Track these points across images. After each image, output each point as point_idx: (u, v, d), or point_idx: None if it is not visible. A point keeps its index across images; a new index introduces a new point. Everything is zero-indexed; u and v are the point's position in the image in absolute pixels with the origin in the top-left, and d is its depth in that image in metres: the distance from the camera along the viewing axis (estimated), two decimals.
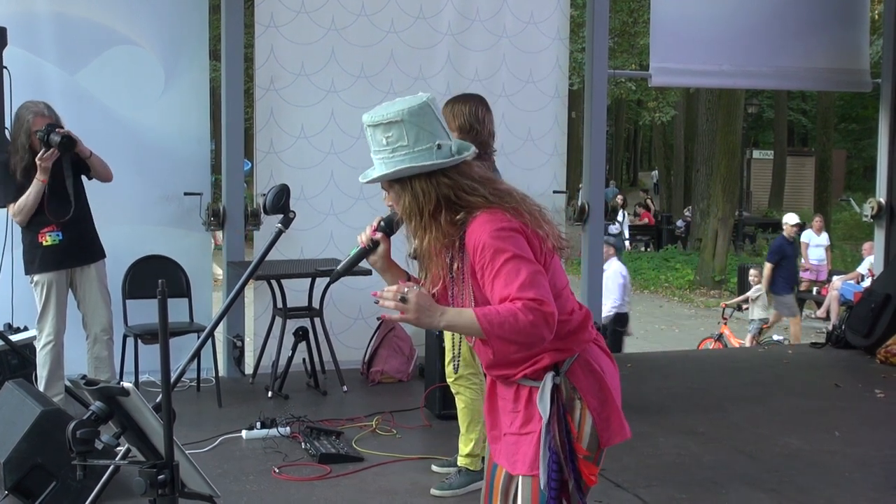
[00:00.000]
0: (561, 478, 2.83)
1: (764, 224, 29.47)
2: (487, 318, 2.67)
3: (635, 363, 9.20)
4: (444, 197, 2.82)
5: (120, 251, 7.11)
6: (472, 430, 5.29)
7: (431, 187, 2.82)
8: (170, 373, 2.61)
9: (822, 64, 9.86)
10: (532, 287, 2.68)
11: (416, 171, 2.81)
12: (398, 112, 2.81)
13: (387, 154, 2.82)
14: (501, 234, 2.74)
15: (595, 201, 9.06)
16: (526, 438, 2.90)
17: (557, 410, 2.84)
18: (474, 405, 5.23)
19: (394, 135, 2.81)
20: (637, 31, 24.05)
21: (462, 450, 5.33)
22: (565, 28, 9.02)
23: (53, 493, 4.82)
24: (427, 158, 2.81)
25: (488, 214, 2.78)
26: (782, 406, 7.36)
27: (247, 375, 7.91)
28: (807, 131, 44.74)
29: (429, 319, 2.74)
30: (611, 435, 2.92)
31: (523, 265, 2.71)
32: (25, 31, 7.18)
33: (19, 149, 6.03)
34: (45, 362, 6.23)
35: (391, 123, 2.81)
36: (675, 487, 5.48)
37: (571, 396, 2.87)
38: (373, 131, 2.84)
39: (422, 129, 2.82)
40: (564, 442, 2.83)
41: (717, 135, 21.41)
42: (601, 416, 2.89)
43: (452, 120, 5.13)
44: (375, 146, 2.85)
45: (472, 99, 5.32)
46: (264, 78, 8.04)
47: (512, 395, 2.96)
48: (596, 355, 2.95)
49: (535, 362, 2.87)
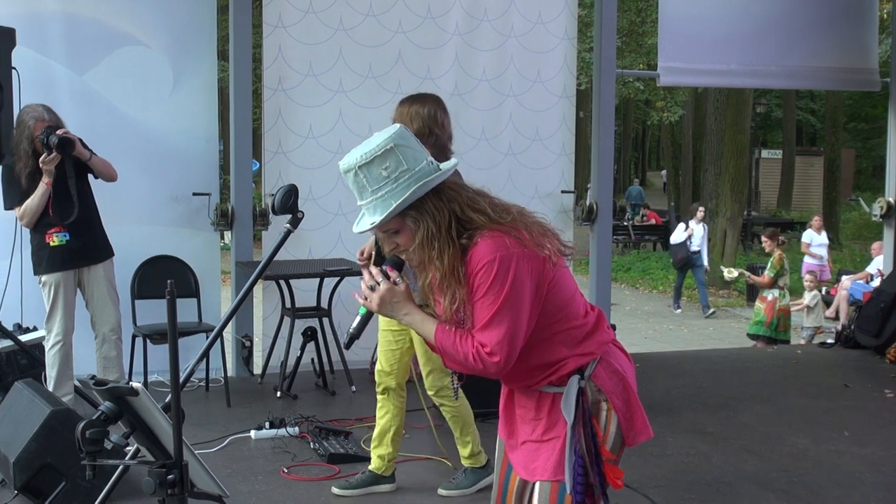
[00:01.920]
0: (586, 481, 2.83)
1: (773, 223, 29.35)
2: (442, 344, 2.83)
3: (644, 363, 9.18)
4: (452, 212, 2.79)
5: (129, 251, 7.12)
6: (465, 434, 5.23)
7: (442, 203, 2.79)
8: (179, 373, 2.61)
9: (831, 63, 9.84)
10: (494, 333, 2.74)
11: (430, 185, 2.77)
12: (386, 140, 2.76)
13: (390, 186, 2.75)
14: (501, 267, 2.72)
15: (603, 201, 9.05)
16: (548, 445, 2.90)
17: (583, 414, 2.84)
18: (460, 411, 5.19)
19: (391, 164, 2.75)
20: (645, 31, 24.04)
21: (462, 452, 5.28)
22: (573, 28, 9.01)
23: (63, 493, 4.83)
24: (429, 174, 2.78)
25: (490, 240, 2.75)
26: (791, 406, 7.35)
27: (255, 375, 7.93)
28: (815, 130, 44.64)
29: (390, 313, 2.89)
30: (635, 434, 2.92)
31: (502, 309, 2.73)
32: (34, 31, 7.20)
33: (22, 155, 6.05)
34: (54, 362, 6.25)
35: (385, 154, 2.75)
36: (684, 487, 5.47)
37: (597, 399, 2.87)
38: (367, 170, 2.76)
39: (412, 148, 2.80)
40: (590, 445, 2.83)
41: (726, 134, 21.36)
42: (626, 416, 2.90)
43: (409, 123, 4.82)
44: (374, 184, 2.76)
45: (428, 100, 5.02)
46: (272, 78, 8.05)
47: (533, 404, 2.95)
48: (616, 356, 2.96)
49: (558, 369, 2.87)
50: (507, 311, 2.73)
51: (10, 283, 6.54)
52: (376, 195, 2.77)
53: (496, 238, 2.75)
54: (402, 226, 2.82)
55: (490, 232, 2.76)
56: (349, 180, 2.81)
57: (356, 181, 2.79)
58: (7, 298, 6.60)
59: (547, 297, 2.81)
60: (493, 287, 2.72)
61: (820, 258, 17.16)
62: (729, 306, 18.72)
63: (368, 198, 2.79)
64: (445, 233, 2.77)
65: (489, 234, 2.76)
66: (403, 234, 2.83)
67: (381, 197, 2.77)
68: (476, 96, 8.61)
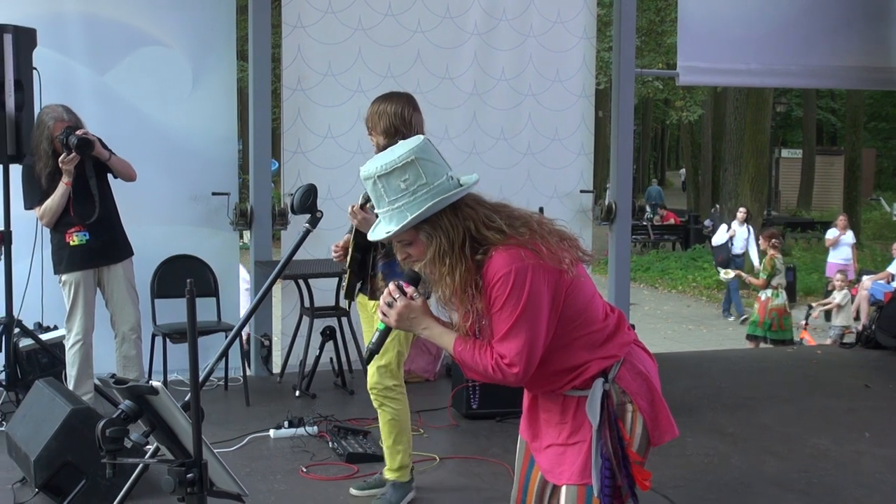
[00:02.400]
0: (614, 484, 2.82)
1: (792, 223, 29.28)
2: (461, 356, 2.86)
3: (663, 363, 9.11)
4: (467, 230, 2.79)
5: (148, 251, 7.15)
6: (399, 442, 4.99)
7: (458, 220, 2.79)
8: (198, 372, 2.62)
9: (851, 62, 9.78)
10: (512, 344, 2.76)
11: (447, 202, 2.77)
12: (408, 152, 2.77)
13: (408, 198, 2.76)
14: (517, 279, 2.73)
15: (622, 201, 9.02)
16: (574, 448, 2.90)
17: (608, 417, 2.84)
18: (400, 416, 4.98)
19: (410, 176, 2.76)
20: (664, 30, 23.98)
21: (390, 464, 5.05)
22: (592, 27, 8.99)
23: (83, 491, 4.85)
24: (448, 190, 2.78)
25: (506, 253, 2.76)
26: (812, 406, 7.31)
27: (274, 374, 7.94)
28: (836, 130, 44.45)
29: (408, 328, 2.94)
30: (661, 433, 2.93)
31: (520, 320, 2.75)
32: (55, 32, 7.23)
33: (42, 155, 6.08)
34: (75, 361, 6.28)
35: (405, 166, 2.76)
36: (704, 488, 5.46)
37: (622, 401, 2.87)
38: (386, 181, 2.77)
39: (433, 163, 2.80)
40: (617, 448, 2.83)
41: (745, 134, 21.28)
42: (651, 416, 2.91)
43: (378, 122, 4.81)
44: (392, 195, 2.77)
45: (397, 98, 4.93)
46: (291, 78, 8.06)
47: (559, 408, 2.95)
48: (640, 357, 2.96)
49: (581, 373, 2.87)
50: (524, 322, 2.74)
51: (30, 283, 6.57)
52: (393, 206, 2.78)
53: (511, 251, 2.76)
54: (415, 238, 2.83)
55: (506, 245, 2.77)
56: (368, 187, 2.82)
57: (375, 190, 2.81)
58: (28, 297, 6.62)
59: (565, 303, 2.81)
60: (511, 299, 2.73)
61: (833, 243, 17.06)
62: (749, 306, 18.64)
63: (385, 207, 2.80)
64: (459, 250, 2.78)
65: (504, 248, 2.76)
66: (416, 247, 2.85)
67: (397, 208, 2.78)
68: (495, 96, 8.60)
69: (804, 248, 25.74)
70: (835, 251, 17.35)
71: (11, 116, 6.25)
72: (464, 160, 8.22)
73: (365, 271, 4.98)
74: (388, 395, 4.94)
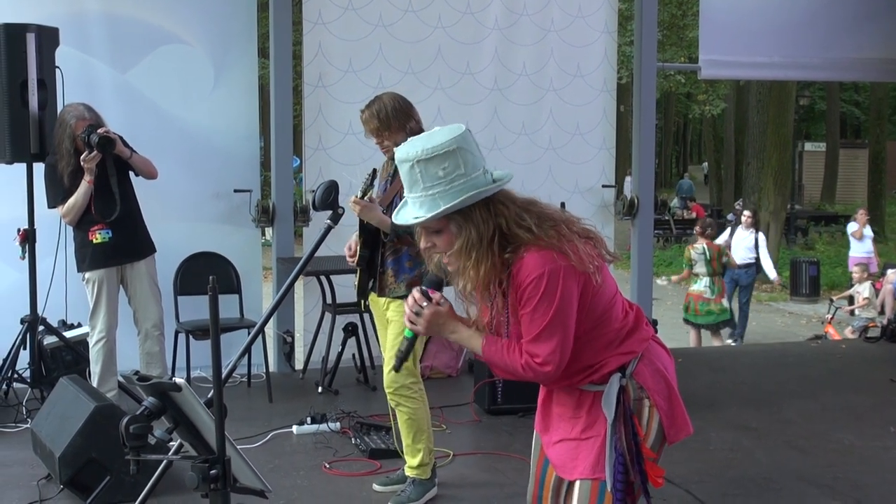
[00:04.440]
0: (627, 479, 2.81)
1: (816, 217, 29.10)
2: (490, 356, 2.88)
3: (686, 358, 9.13)
4: (498, 226, 2.78)
5: (171, 248, 7.18)
6: (418, 441, 4.99)
7: (489, 215, 2.77)
8: (221, 368, 2.63)
9: (875, 54, 9.71)
10: (546, 345, 2.77)
11: (482, 196, 2.76)
12: (450, 141, 2.74)
13: (443, 187, 2.73)
14: (551, 281, 2.73)
15: (644, 195, 9.00)
16: (587, 443, 2.89)
17: (624, 412, 2.83)
18: (417, 414, 4.97)
19: (450, 165, 2.73)
20: (686, 24, 23.87)
21: (410, 462, 5.05)
22: (613, 21, 8.97)
23: (108, 488, 4.88)
24: (483, 184, 2.76)
25: (538, 255, 2.74)
26: (836, 401, 7.27)
27: (297, 371, 7.96)
28: (860, 123, 44.18)
29: (437, 333, 2.94)
30: (676, 431, 2.91)
31: (554, 321, 2.75)
32: (77, 30, 7.27)
33: (65, 154, 6.10)
34: (98, 358, 6.31)
35: (447, 154, 2.73)
36: (728, 483, 5.43)
37: (639, 397, 2.86)
38: (424, 166, 2.74)
39: (472, 154, 2.78)
40: (631, 444, 2.82)
41: (768, 127, 21.13)
42: (668, 413, 2.89)
43: (406, 120, 4.88)
44: (428, 181, 2.74)
45: (381, 97, 5.02)
46: (312, 75, 8.07)
47: (574, 402, 2.94)
48: (657, 353, 2.95)
49: (599, 368, 2.86)
50: (558, 323, 2.74)
51: (54, 280, 6.60)
52: (427, 192, 2.75)
53: (544, 252, 2.75)
54: (445, 228, 2.80)
55: (537, 245, 2.75)
56: (403, 170, 2.79)
57: (410, 173, 2.77)
58: (52, 295, 6.66)
59: (590, 305, 2.81)
60: (544, 301, 2.73)
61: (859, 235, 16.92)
62: (772, 300, 18.55)
63: (419, 192, 2.77)
64: (487, 245, 2.76)
65: (536, 249, 2.75)
66: (444, 237, 2.82)
67: (431, 195, 2.75)
68: (516, 91, 8.58)
69: (828, 242, 25.57)
70: (858, 245, 17.23)
71: (35, 115, 6.29)
72: (485, 156, 8.13)
73: (374, 268, 4.99)
74: (405, 395, 4.93)
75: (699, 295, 11.65)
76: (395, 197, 4.93)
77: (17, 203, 6.65)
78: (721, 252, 11.74)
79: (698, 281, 11.70)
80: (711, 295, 11.56)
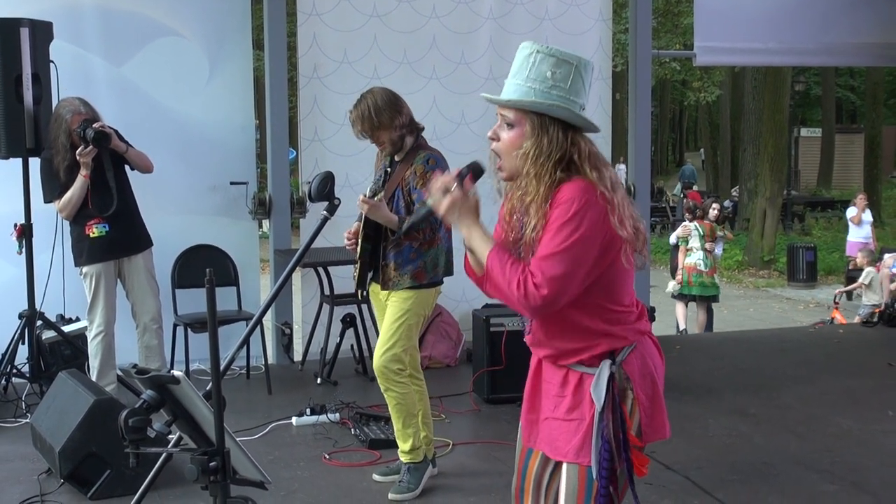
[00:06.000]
0: (612, 467, 2.81)
1: (813, 203, 29.13)
2: (492, 264, 2.77)
3: (684, 344, 9.15)
4: (567, 152, 2.76)
5: (168, 241, 7.18)
6: (408, 425, 5.02)
7: (565, 140, 2.76)
8: (219, 361, 2.63)
9: (870, 39, 9.71)
10: (551, 268, 2.68)
11: (567, 116, 2.76)
12: (575, 57, 2.78)
13: (544, 87, 2.75)
14: (584, 208, 2.69)
15: (641, 183, 9.00)
16: (571, 425, 2.87)
17: (612, 399, 2.81)
18: (405, 399, 4.99)
19: (560, 73, 2.76)
20: (681, 11, 23.86)
21: (403, 447, 5.08)
22: (608, 9, 8.96)
23: (108, 481, 4.89)
24: (575, 111, 2.77)
25: (585, 183, 2.73)
26: (833, 386, 7.29)
27: (296, 362, 7.97)
28: (855, 108, 44.17)
29: (454, 220, 2.84)
30: (653, 431, 2.88)
31: (569, 250, 2.68)
32: (71, 24, 7.26)
33: (60, 149, 6.10)
34: (97, 352, 6.32)
35: (565, 62, 2.77)
36: (726, 469, 5.45)
37: (625, 387, 2.85)
38: (541, 59, 2.77)
39: (582, 84, 2.80)
40: (618, 431, 2.80)
41: (764, 113, 21.16)
42: (647, 411, 2.86)
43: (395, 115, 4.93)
44: (534, 74, 2.76)
45: (371, 92, 5.07)
46: (307, 66, 8.06)
47: (560, 380, 2.92)
48: (650, 351, 2.92)
49: (591, 346, 2.83)
50: (573, 253, 2.68)
51: (52, 275, 6.60)
52: (526, 82, 2.77)
53: (589, 184, 2.73)
54: (520, 124, 2.79)
55: (589, 180, 2.74)
56: (520, 55, 2.81)
57: (525, 60, 2.79)
58: (49, 290, 6.66)
59: (608, 267, 2.78)
60: (569, 224, 2.68)
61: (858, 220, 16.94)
62: (769, 286, 18.59)
63: (520, 80, 2.79)
64: (553, 162, 2.75)
65: (586, 180, 2.74)
66: (514, 133, 2.80)
67: (528, 87, 2.77)
68: None
69: (825, 228, 25.60)
70: (856, 230, 17.25)
71: (30, 110, 6.28)
72: (481, 145, 8.18)
73: (376, 261, 5.00)
74: (393, 379, 4.95)
75: (692, 267, 11.90)
76: (396, 189, 4.94)
77: (13, 198, 6.64)
78: (713, 228, 11.95)
79: (691, 254, 11.95)
80: (705, 268, 11.85)
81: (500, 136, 2.84)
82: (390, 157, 5.09)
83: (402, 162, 4.99)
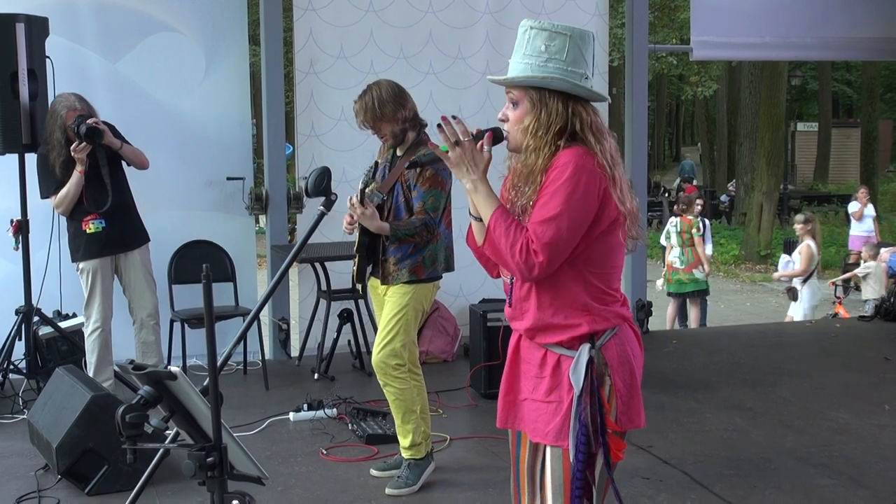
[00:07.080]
0: (588, 451, 2.81)
1: (809, 197, 29.13)
2: (495, 224, 2.78)
3: (681, 339, 9.16)
4: (569, 123, 2.79)
5: (165, 237, 7.18)
6: (408, 421, 5.03)
7: (564, 110, 2.79)
8: (216, 356, 2.63)
9: (867, 33, 9.70)
10: (546, 233, 2.71)
11: (565, 87, 2.78)
12: (567, 28, 2.81)
13: (539, 61, 2.78)
14: (579, 172, 2.72)
15: (637, 177, 8.99)
16: (550, 407, 2.86)
17: (590, 384, 2.81)
18: (403, 395, 4.98)
19: (554, 46, 2.78)
20: (677, 5, 23.81)
21: (403, 442, 5.09)
22: (604, 3, 8.95)
23: (105, 477, 4.89)
24: (576, 82, 2.79)
25: (582, 150, 2.76)
26: (831, 380, 7.30)
27: (293, 358, 7.97)
28: (852, 102, 44.16)
29: (460, 172, 2.84)
30: (628, 419, 2.88)
31: (563, 213, 2.71)
32: (67, 20, 7.25)
33: (56, 145, 6.09)
34: (94, 348, 6.31)
35: (557, 35, 2.79)
36: (723, 463, 5.45)
37: (602, 372, 2.84)
38: (535, 34, 2.80)
39: (581, 54, 2.81)
40: (596, 415, 2.80)
41: (761, 108, 21.14)
42: (624, 398, 2.86)
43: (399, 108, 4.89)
44: (530, 50, 2.80)
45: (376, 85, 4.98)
46: (304, 61, 8.05)
47: (538, 360, 2.91)
48: (629, 338, 2.91)
49: (572, 328, 2.83)
50: (567, 216, 2.71)
51: (48, 271, 6.60)
52: (523, 60, 2.82)
53: (586, 150, 2.77)
54: (520, 101, 2.84)
55: (587, 148, 2.77)
56: (518, 33, 2.85)
57: (522, 38, 2.84)
58: (46, 286, 6.67)
59: (597, 239, 2.79)
60: (565, 186, 2.71)
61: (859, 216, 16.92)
62: (766, 281, 18.58)
63: (518, 58, 2.84)
64: (553, 134, 2.78)
65: (584, 147, 2.78)
66: (519, 110, 2.85)
67: (525, 63, 2.81)
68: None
69: (821, 222, 25.56)
70: (858, 224, 17.25)
71: (25, 106, 6.28)
72: None
73: (375, 255, 5.00)
74: (392, 374, 4.95)
75: (670, 265, 11.95)
76: (396, 183, 4.93)
77: (9, 194, 6.64)
78: (693, 224, 11.89)
79: (671, 252, 11.99)
80: (681, 265, 11.78)
81: (507, 114, 2.88)
82: (392, 150, 5.08)
83: (403, 156, 4.99)
